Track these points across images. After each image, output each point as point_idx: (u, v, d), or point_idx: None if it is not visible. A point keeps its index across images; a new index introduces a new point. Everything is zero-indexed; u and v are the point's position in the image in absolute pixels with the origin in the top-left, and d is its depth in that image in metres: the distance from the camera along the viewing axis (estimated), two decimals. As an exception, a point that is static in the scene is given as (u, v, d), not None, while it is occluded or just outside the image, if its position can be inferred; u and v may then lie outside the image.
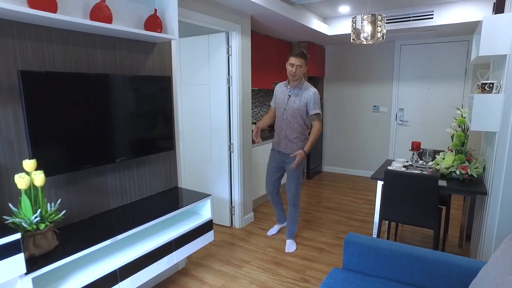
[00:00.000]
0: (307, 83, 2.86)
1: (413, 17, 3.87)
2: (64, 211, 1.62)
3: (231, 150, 3.35)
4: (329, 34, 4.49)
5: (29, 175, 1.48)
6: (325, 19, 4.47)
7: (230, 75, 3.21)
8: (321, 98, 5.77)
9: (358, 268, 1.93)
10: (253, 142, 3.58)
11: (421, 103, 5.01)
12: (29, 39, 1.62)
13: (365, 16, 2.76)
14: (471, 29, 4.07)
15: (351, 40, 2.96)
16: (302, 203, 4.29)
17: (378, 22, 2.76)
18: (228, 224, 3.50)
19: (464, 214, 2.99)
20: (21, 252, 1.29)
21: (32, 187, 1.50)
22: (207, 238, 2.38)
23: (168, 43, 2.40)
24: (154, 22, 2.09)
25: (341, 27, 4.39)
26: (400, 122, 5.22)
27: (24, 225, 1.44)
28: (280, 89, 2.96)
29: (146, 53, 2.24)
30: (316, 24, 4.10)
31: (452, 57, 4.67)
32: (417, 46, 4.89)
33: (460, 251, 2.97)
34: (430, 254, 1.71)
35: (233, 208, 3.48)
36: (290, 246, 3.02)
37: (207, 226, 2.36)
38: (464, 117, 2.63)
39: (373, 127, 5.45)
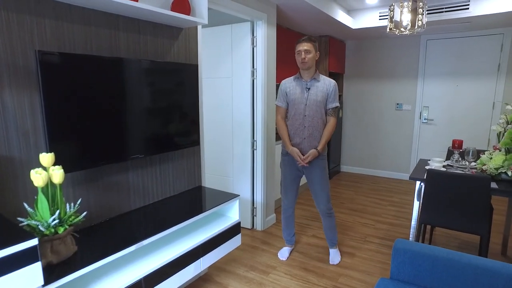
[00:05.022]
0: (322, 74, 2.53)
1: (446, 8, 3.63)
2: (85, 213, 1.42)
3: (254, 147, 3.14)
4: (354, 28, 4.26)
5: (47, 171, 1.30)
6: (349, 11, 4.24)
7: (255, 67, 3.00)
8: (341, 96, 5.54)
9: (410, 279, 1.71)
10: (277, 139, 3.38)
11: (448, 101, 4.75)
12: (48, 17, 1.43)
13: (405, 3, 2.54)
14: (508, 21, 3.81)
15: (387, 31, 2.74)
16: (324, 205, 4.07)
17: (420, 9, 2.54)
18: (249, 226, 3.30)
19: (508, 219, 2.75)
20: (38, 260, 1.10)
21: (50, 184, 1.31)
22: (235, 242, 2.18)
23: (194, 29, 2.20)
24: (182, 4, 1.89)
25: (366, 19, 4.16)
26: (424, 121, 4.97)
27: (41, 228, 1.25)
28: (292, 84, 2.50)
29: (172, 39, 2.04)
30: (341, 16, 3.87)
31: (484, 52, 4.40)
32: (445, 40, 4.63)
33: (504, 259, 2.73)
34: (504, 268, 1.48)
35: (255, 209, 3.27)
36: (336, 256, 2.71)
37: (234, 230, 2.16)
38: (517, 113, 2.40)
39: (395, 125, 5.21)
